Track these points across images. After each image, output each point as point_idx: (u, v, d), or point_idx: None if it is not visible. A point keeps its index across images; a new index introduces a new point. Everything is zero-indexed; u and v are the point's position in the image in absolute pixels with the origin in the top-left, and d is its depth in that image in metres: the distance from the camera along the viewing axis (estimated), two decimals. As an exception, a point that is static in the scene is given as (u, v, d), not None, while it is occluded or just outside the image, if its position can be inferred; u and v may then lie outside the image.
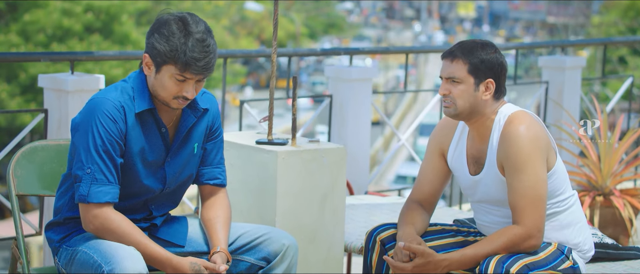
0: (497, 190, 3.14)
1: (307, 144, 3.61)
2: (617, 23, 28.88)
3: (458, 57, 3.10)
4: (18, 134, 4.35)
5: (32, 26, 20.81)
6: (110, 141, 2.86)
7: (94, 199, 2.85)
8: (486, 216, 3.24)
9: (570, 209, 3.19)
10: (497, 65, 3.10)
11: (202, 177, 3.15)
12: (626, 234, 4.96)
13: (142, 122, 2.95)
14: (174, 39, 2.83)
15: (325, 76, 5.34)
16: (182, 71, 2.85)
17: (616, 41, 10.12)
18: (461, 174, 3.23)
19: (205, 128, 3.10)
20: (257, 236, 3.12)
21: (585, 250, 3.22)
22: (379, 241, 3.25)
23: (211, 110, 3.10)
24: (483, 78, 3.09)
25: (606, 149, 5.07)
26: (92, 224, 2.88)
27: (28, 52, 11.86)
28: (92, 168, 2.85)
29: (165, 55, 2.84)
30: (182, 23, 2.86)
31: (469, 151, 3.21)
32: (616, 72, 27.13)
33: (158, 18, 2.90)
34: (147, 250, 2.87)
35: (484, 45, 3.11)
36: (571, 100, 6.16)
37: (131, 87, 2.94)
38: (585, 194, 5.03)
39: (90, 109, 2.89)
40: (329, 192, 3.58)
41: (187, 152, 3.05)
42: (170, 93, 2.89)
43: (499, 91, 3.13)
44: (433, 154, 3.30)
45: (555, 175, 3.13)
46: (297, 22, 39.71)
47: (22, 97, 19.91)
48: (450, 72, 3.10)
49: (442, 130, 3.30)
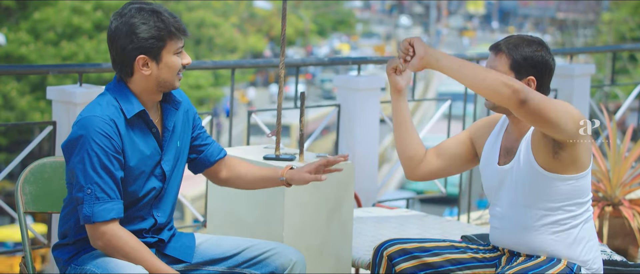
0: (524, 179, 3.09)
1: (314, 159, 3.60)
2: (627, 20, 28.76)
3: (502, 50, 3.10)
4: (25, 148, 4.35)
5: (42, 24, 20.86)
6: (108, 157, 2.86)
7: (99, 218, 2.85)
8: (504, 218, 3.18)
9: (586, 226, 3.16)
10: (541, 63, 3.08)
11: (212, 157, 3.22)
12: (636, 244, 4.94)
13: (133, 128, 2.95)
14: (154, 21, 2.89)
15: (333, 85, 5.33)
16: (178, 39, 2.92)
17: (625, 48, 10.11)
18: (490, 167, 3.21)
19: (184, 120, 3.12)
20: (264, 251, 3.13)
21: (595, 269, 3.20)
22: (386, 256, 3.25)
23: (183, 101, 3.13)
24: (524, 75, 3.08)
25: (615, 159, 5.05)
26: (100, 242, 2.89)
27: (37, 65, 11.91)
28: (92, 188, 2.85)
29: (160, 38, 2.89)
30: (141, 10, 2.90)
31: (504, 142, 3.20)
32: (626, 70, 27.05)
33: (118, 26, 2.89)
34: (153, 268, 2.88)
35: (531, 42, 3.10)
36: (580, 108, 6.14)
37: (113, 98, 2.94)
38: (594, 204, 5.00)
39: (80, 129, 2.87)
40: (337, 207, 3.58)
41: (175, 146, 3.08)
42: (175, 71, 2.95)
43: (542, 90, 3.10)
44: (465, 136, 3.34)
45: (586, 178, 3.09)
46: (305, 19, 39.67)
47: (32, 95, 19.97)
48: (493, 65, 3.11)
49: (483, 127, 3.32)
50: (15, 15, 21.25)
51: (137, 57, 2.90)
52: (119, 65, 2.94)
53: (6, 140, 20.68)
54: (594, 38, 35.40)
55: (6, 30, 20.46)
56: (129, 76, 2.94)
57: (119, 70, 2.95)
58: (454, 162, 3.35)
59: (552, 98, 2.96)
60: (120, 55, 2.91)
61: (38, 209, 3.19)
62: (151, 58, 2.91)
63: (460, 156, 3.34)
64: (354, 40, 52.20)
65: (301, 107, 3.58)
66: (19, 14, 21.19)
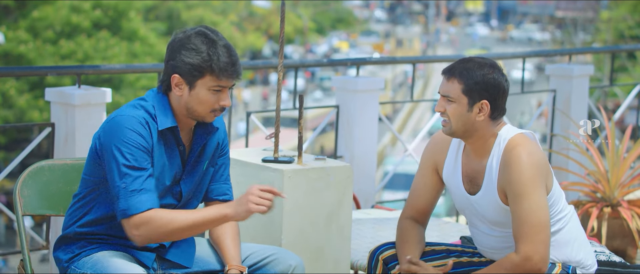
0: (494, 213, 3.13)
1: (313, 162, 3.60)
2: (626, 18, 28.76)
3: (454, 76, 3.08)
4: (23, 151, 4.36)
5: (41, 23, 20.86)
6: (140, 154, 2.87)
7: (134, 211, 2.84)
8: (485, 239, 3.23)
9: (568, 226, 3.18)
10: (493, 86, 3.07)
11: (211, 193, 3.16)
12: (634, 245, 4.94)
13: (164, 140, 2.97)
14: (204, 51, 2.88)
15: (332, 87, 5.32)
16: (219, 79, 2.89)
17: (623, 49, 10.14)
18: (456, 191, 3.22)
19: (216, 146, 3.11)
20: (264, 257, 3.13)
21: (588, 266, 3.22)
22: (382, 260, 3.27)
23: (221, 128, 3.13)
24: (477, 99, 3.07)
25: (614, 160, 5.05)
26: (137, 232, 2.85)
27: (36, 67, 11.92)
28: (126, 182, 2.85)
29: (200, 68, 2.89)
30: (203, 35, 2.91)
31: (464, 168, 3.19)
32: (625, 68, 27.04)
33: (176, 37, 2.94)
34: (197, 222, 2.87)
35: (482, 65, 3.08)
36: (579, 109, 6.14)
37: (152, 106, 2.96)
38: (593, 205, 5.00)
39: (114, 127, 2.89)
40: (336, 210, 3.58)
41: (200, 170, 3.08)
42: (208, 106, 2.93)
43: (496, 112, 3.10)
44: (427, 169, 3.28)
45: (553, 197, 3.13)
46: (304, 18, 39.67)
47: (31, 93, 19.96)
48: (446, 90, 3.10)
49: (436, 145, 3.28)
50: (14, 14, 21.26)
51: (173, 74, 2.92)
52: (163, 75, 2.97)
53: (5, 139, 20.67)
54: (592, 36, 35.39)
55: (5, 29, 20.46)
56: (168, 89, 2.97)
57: (162, 80, 2.98)
58: (435, 201, 3.32)
59: (537, 223, 3.01)
60: (165, 66, 2.95)
61: (37, 212, 3.19)
62: (185, 83, 2.93)
63: (434, 196, 3.30)
64: (353, 39, 52.16)
65: (299, 110, 3.58)
66: (18, 12, 21.20)
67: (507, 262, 3.03)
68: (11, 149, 21.03)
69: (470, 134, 3.10)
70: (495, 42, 56.02)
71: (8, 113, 19.57)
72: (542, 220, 3.00)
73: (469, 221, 3.28)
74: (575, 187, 5.23)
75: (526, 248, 3.00)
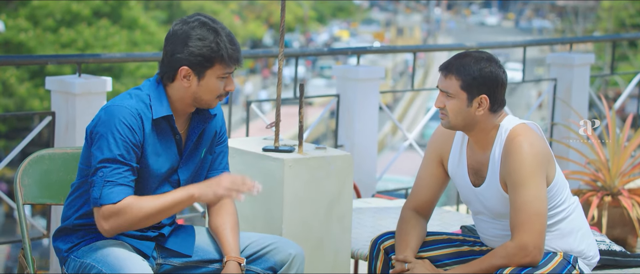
0: (498, 204, 3.13)
1: (313, 151, 3.60)
2: (627, 7, 28.72)
3: (451, 72, 3.08)
4: (23, 139, 4.36)
5: (41, 11, 20.84)
6: (126, 148, 2.87)
7: (105, 201, 2.85)
8: (488, 229, 3.24)
9: (571, 217, 3.19)
10: (491, 79, 3.07)
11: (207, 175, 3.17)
12: (635, 234, 4.94)
13: (159, 129, 2.97)
14: (212, 40, 2.91)
15: (332, 76, 5.32)
16: (228, 67, 2.93)
17: (624, 37, 10.11)
18: (462, 183, 3.22)
19: (213, 134, 3.11)
20: (264, 246, 3.13)
21: (590, 257, 3.23)
22: (383, 249, 3.28)
23: (218, 115, 3.13)
24: (476, 94, 3.07)
25: (615, 149, 5.04)
26: (106, 225, 2.86)
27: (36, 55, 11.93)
28: (104, 171, 2.86)
29: (210, 58, 2.91)
30: (206, 25, 2.93)
31: (469, 161, 3.20)
32: (626, 56, 27.01)
33: (178, 29, 2.93)
34: (165, 205, 2.87)
35: (479, 59, 3.08)
36: (580, 98, 6.14)
37: (147, 95, 2.96)
38: (593, 194, 5.00)
39: (106, 116, 2.89)
40: (336, 199, 3.58)
41: (198, 158, 3.08)
42: (215, 94, 2.97)
43: (496, 105, 3.10)
44: (432, 161, 3.29)
45: (556, 187, 3.13)
46: (305, 6, 39.59)
47: (31, 82, 19.95)
48: (444, 86, 3.10)
49: (442, 136, 3.28)
50: (14, 2, 21.22)
51: (181, 67, 2.93)
52: (165, 67, 2.97)
53: (5, 127, 20.67)
54: (593, 25, 35.34)
55: (5, 17, 20.43)
56: (170, 81, 2.97)
57: (163, 71, 2.97)
58: (439, 194, 3.31)
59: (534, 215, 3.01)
60: (168, 59, 2.95)
61: (37, 201, 3.20)
62: (195, 73, 2.94)
63: (438, 188, 3.29)
64: (353, 27, 52.10)
65: (300, 99, 3.57)
66: (18, 1, 21.16)
67: (502, 250, 3.04)
68: (12, 138, 21.03)
69: (471, 127, 3.11)
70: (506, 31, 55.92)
71: (8, 102, 19.56)
72: (539, 210, 3.01)
73: (473, 213, 3.29)
74: (576, 176, 5.22)
75: (522, 237, 3.01)
